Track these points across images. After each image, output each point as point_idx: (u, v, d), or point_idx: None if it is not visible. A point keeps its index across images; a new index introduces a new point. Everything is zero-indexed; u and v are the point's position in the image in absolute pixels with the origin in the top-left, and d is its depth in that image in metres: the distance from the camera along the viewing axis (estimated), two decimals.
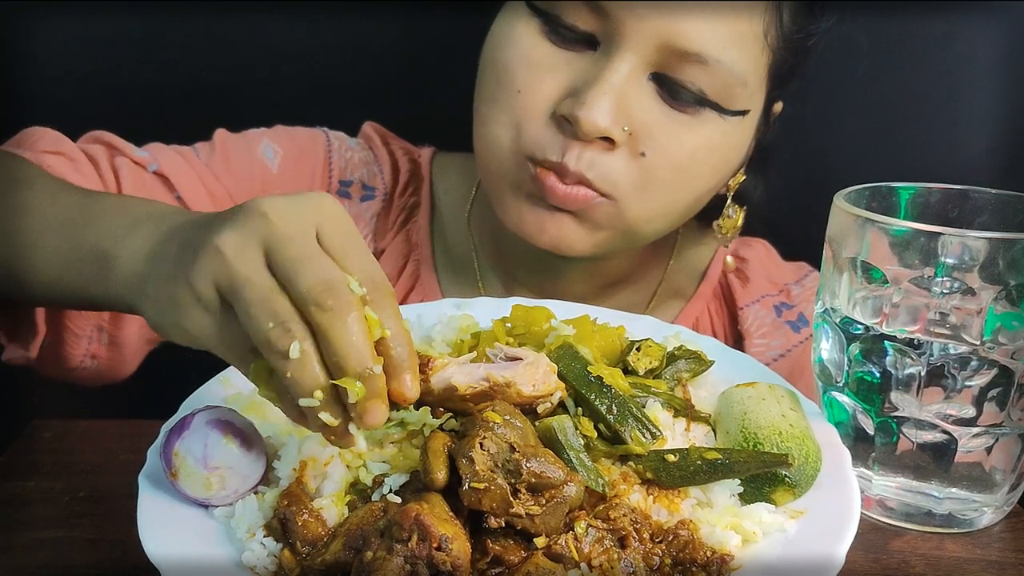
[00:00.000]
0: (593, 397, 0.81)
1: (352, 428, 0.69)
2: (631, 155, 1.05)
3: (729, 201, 1.19)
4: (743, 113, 1.08)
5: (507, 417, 0.74)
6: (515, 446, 0.72)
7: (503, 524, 0.71)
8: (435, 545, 0.67)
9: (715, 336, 1.27)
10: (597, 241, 1.10)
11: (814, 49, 1.13)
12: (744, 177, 1.18)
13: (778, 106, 1.18)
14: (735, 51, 1.03)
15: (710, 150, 1.08)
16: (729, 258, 1.27)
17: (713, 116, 1.06)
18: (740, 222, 1.21)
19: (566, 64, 1.05)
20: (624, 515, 0.74)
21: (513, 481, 0.71)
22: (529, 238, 1.10)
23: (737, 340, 1.26)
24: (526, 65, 1.06)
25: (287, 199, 0.72)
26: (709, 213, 1.20)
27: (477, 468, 0.70)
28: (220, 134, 1.25)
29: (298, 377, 0.67)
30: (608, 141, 1.03)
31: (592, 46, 1.05)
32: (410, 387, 0.69)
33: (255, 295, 0.68)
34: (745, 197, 1.22)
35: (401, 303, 1.01)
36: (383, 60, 1.49)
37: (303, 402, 0.67)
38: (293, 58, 1.48)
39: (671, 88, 1.04)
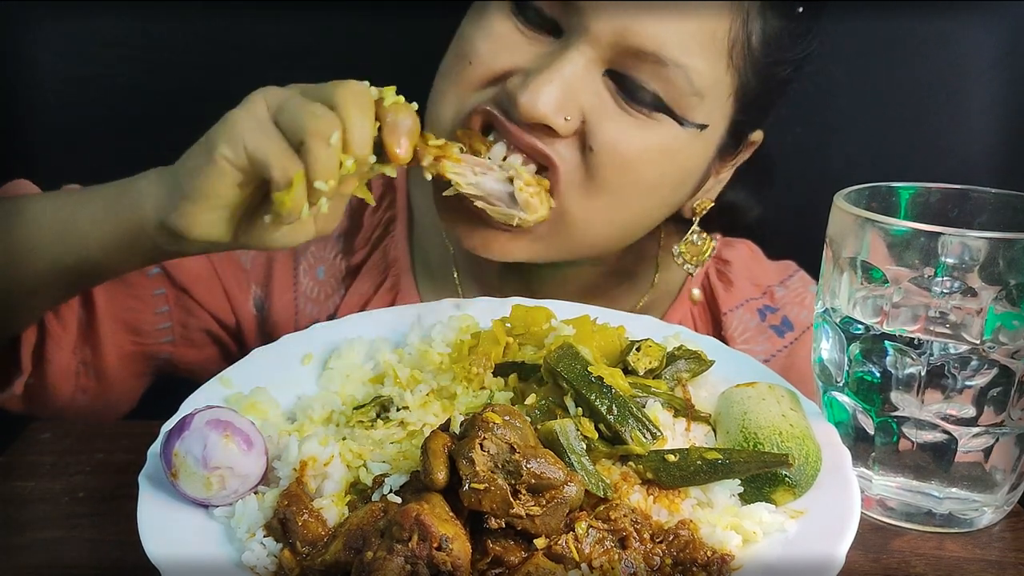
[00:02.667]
0: (593, 397, 0.81)
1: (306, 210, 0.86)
2: (579, 147, 1.03)
3: (695, 226, 1.16)
4: (701, 127, 1.06)
5: (507, 418, 0.74)
6: (515, 447, 0.72)
7: (503, 525, 0.71)
8: (435, 545, 0.67)
9: None
10: (535, 248, 1.08)
11: (788, 82, 1.12)
12: (712, 204, 1.16)
13: (757, 135, 1.16)
14: (695, 59, 1.01)
15: (662, 152, 1.05)
16: (696, 291, 1.25)
17: (669, 123, 1.04)
18: (708, 254, 1.18)
19: (526, 46, 1.04)
20: (624, 515, 0.74)
21: (513, 482, 0.71)
22: (464, 246, 1.08)
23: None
24: (485, 38, 1.05)
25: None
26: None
27: (477, 469, 0.70)
28: None
29: (326, 161, 0.84)
30: (548, 129, 1.01)
31: (555, 34, 1.04)
32: (401, 147, 0.88)
33: (301, 101, 0.86)
34: (738, 216, 1.20)
35: None
36: (375, 63, 1.48)
37: (317, 184, 0.84)
38: (286, 60, 1.48)
39: (627, 87, 1.03)
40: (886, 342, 0.86)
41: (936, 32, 1.37)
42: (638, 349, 0.89)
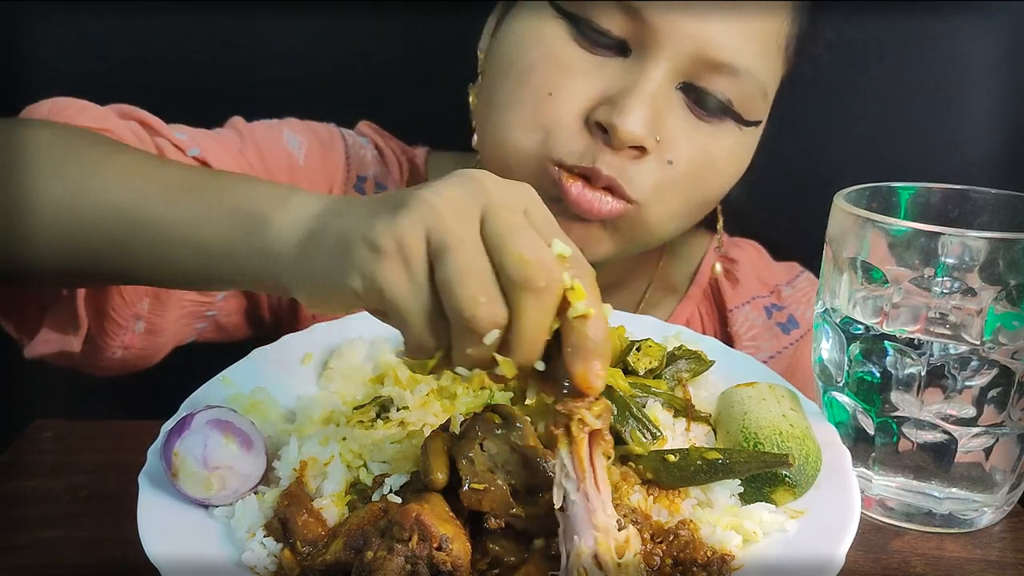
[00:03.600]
0: None
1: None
2: (659, 163, 1.04)
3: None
4: (758, 123, 1.09)
5: (508, 418, 0.74)
6: (515, 447, 0.72)
7: (503, 525, 0.71)
8: (435, 545, 0.67)
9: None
10: (615, 248, 1.10)
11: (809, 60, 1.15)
12: None
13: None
14: (762, 62, 1.04)
15: (728, 160, 1.09)
16: (718, 265, 1.27)
17: (732, 127, 1.07)
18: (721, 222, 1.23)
19: (597, 69, 1.03)
20: (625, 516, 0.73)
21: (513, 482, 0.71)
22: None
23: (727, 342, 1.25)
24: (556, 67, 1.03)
25: (498, 178, 0.68)
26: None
27: (477, 469, 0.70)
28: (240, 122, 1.21)
29: (476, 356, 0.65)
30: (639, 149, 1.03)
31: (623, 52, 1.04)
32: (596, 376, 0.66)
33: (470, 261, 0.63)
34: (729, 197, 1.22)
35: None
36: (378, 60, 1.49)
37: (459, 370, 0.67)
38: (288, 59, 1.48)
39: (699, 98, 1.04)
40: (886, 342, 0.86)
41: (936, 32, 1.37)
42: (638, 349, 0.89)
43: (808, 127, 1.41)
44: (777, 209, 1.36)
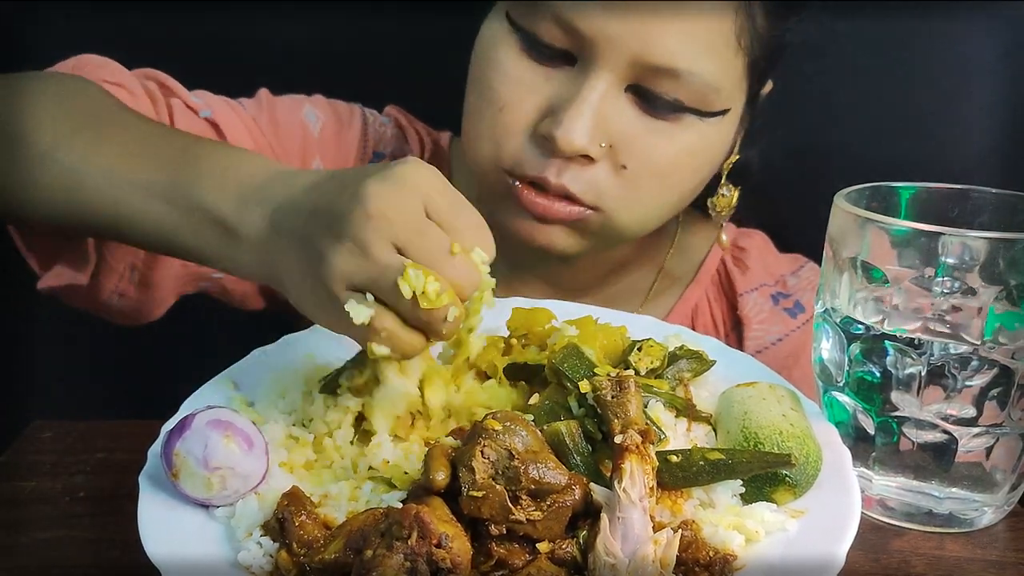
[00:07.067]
0: None
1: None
2: (613, 168, 1.07)
3: (723, 180, 1.20)
4: (723, 113, 1.09)
5: (508, 424, 0.74)
6: (514, 453, 0.71)
7: (504, 531, 0.71)
8: (435, 542, 0.67)
9: (714, 321, 1.30)
10: (587, 244, 1.13)
11: (792, 41, 1.14)
12: (738, 157, 1.20)
13: (767, 87, 1.19)
14: (707, 61, 1.04)
15: (691, 153, 1.10)
16: (724, 236, 1.28)
17: (693, 120, 1.08)
18: (735, 200, 1.23)
19: (545, 81, 1.07)
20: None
21: (513, 488, 0.71)
22: (521, 244, 1.13)
23: (736, 325, 1.29)
24: (507, 83, 1.08)
25: (393, 179, 0.76)
26: (705, 196, 1.22)
27: (476, 477, 0.70)
28: (265, 93, 1.28)
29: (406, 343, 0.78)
30: (586, 158, 1.06)
31: (570, 62, 1.06)
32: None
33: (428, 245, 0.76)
34: (744, 174, 1.23)
35: None
36: (399, 48, 1.49)
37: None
38: (309, 50, 1.48)
39: (648, 98, 1.06)
40: (886, 342, 0.86)
41: (936, 32, 1.37)
42: (639, 349, 0.89)
43: (808, 127, 1.41)
44: (777, 208, 1.36)
